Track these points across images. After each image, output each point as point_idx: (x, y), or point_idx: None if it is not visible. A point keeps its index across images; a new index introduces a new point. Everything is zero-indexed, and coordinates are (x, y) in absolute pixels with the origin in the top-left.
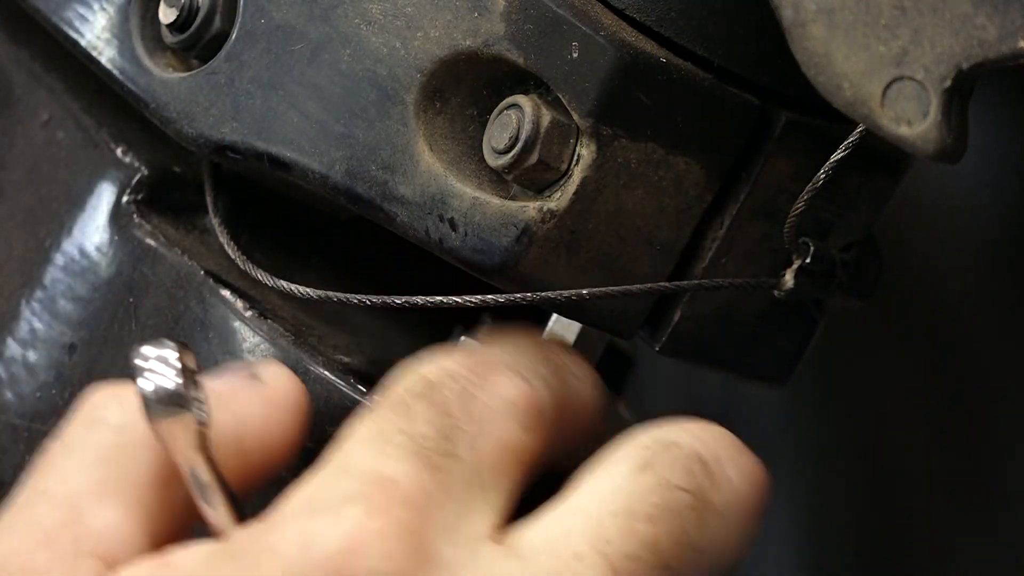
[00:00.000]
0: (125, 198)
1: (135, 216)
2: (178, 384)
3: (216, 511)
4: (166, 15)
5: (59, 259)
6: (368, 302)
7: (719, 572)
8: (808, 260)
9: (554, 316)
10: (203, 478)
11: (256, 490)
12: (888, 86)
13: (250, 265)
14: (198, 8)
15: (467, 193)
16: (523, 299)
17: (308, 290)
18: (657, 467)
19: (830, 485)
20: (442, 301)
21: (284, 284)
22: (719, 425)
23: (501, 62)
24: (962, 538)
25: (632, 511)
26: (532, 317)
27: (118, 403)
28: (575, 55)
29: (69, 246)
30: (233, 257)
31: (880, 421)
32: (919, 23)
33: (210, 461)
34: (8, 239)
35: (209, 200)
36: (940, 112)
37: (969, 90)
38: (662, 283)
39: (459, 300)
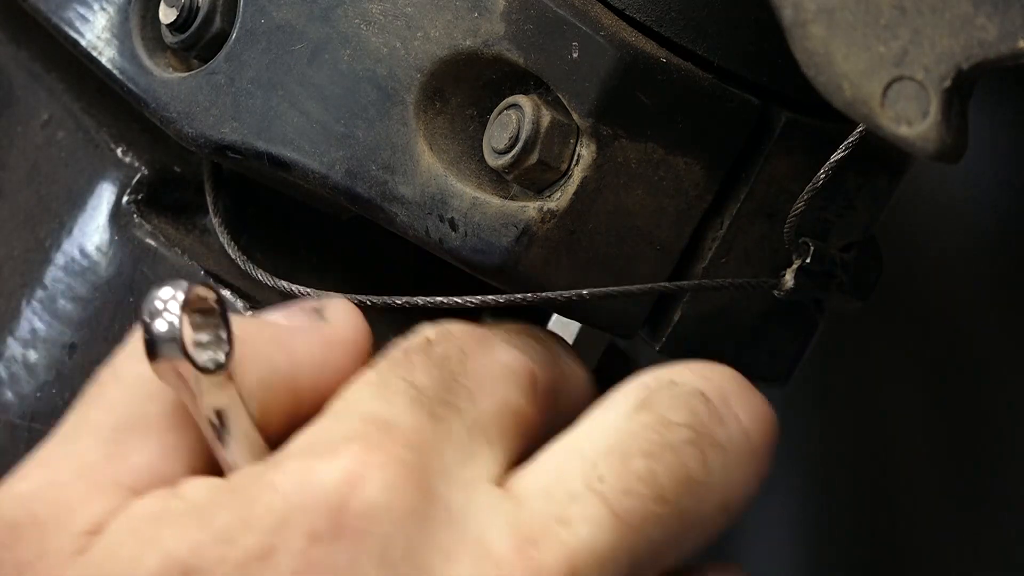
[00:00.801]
0: (125, 198)
1: (135, 216)
2: (175, 326)
3: (227, 452)
4: (166, 15)
5: (59, 259)
6: (368, 302)
7: (729, 510)
8: (808, 260)
9: (553, 316)
10: (209, 420)
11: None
12: (888, 86)
13: (250, 265)
14: (198, 8)
15: (467, 193)
16: (523, 299)
17: (308, 290)
18: (655, 405)
19: (830, 485)
20: (442, 301)
21: (284, 284)
22: (726, 367)
23: (501, 62)
24: (962, 538)
25: (626, 448)
26: (532, 317)
27: None
28: (575, 55)
29: (69, 246)
30: (233, 257)
31: (880, 421)
32: (919, 23)
33: (220, 403)
34: (8, 239)
35: (209, 200)
36: (940, 112)
37: (969, 90)
38: (662, 283)
39: (459, 300)
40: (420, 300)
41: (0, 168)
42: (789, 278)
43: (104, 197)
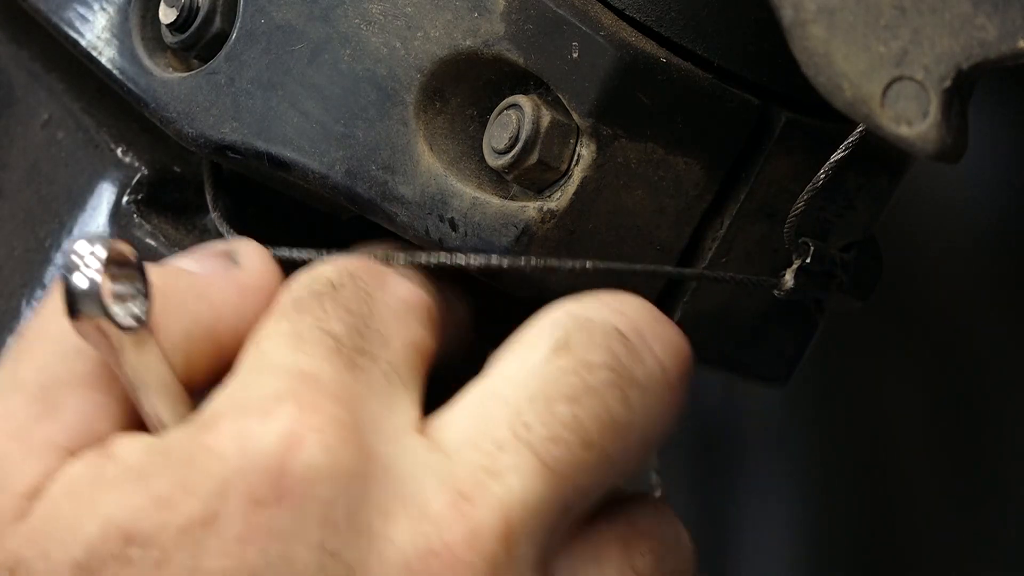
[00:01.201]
0: (125, 198)
1: (135, 216)
2: (95, 282)
3: (152, 408)
4: (166, 15)
5: (59, 259)
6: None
7: (649, 444)
8: (808, 260)
9: None
10: (132, 376)
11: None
12: (888, 86)
13: None
14: (198, 8)
15: (467, 193)
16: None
17: (306, 251)
18: (574, 347)
19: (830, 484)
20: (444, 259)
21: (285, 250)
22: (639, 299)
23: (501, 62)
24: (962, 538)
25: (549, 394)
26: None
27: None
28: (575, 55)
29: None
30: None
31: (880, 421)
32: (919, 23)
33: (143, 359)
34: (8, 239)
35: (209, 200)
36: (940, 112)
37: (969, 90)
38: (666, 267)
39: (464, 260)
40: (421, 256)
41: (0, 168)
42: (789, 278)
43: (104, 197)
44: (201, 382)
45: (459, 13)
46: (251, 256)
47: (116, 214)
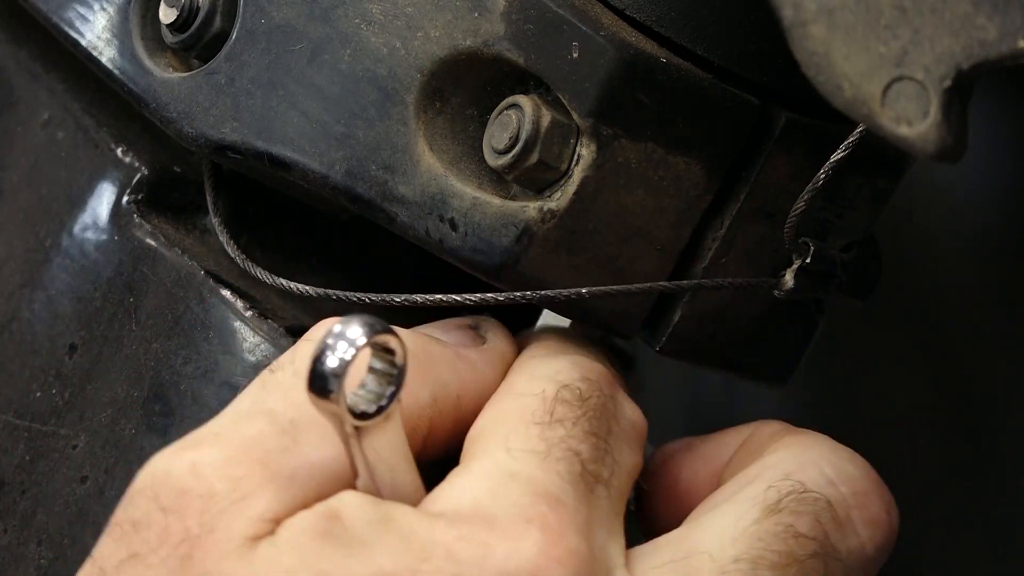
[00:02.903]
0: (125, 198)
1: (135, 216)
2: (338, 371)
3: (378, 480)
4: (166, 15)
5: (59, 259)
6: (367, 300)
7: None
8: (808, 260)
9: (545, 313)
10: (362, 456)
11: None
12: (888, 86)
13: (249, 264)
14: (198, 8)
15: (467, 193)
16: (523, 298)
17: (308, 288)
18: (784, 513)
19: None
20: (442, 300)
21: (283, 282)
22: (850, 451)
23: (501, 62)
24: (962, 538)
25: (755, 558)
26: (524, 316)
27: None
28: (575, 55)
29: (69, 246)
30: (232, 255)
31: (880, 421)
32: (919, 23)
33: (378, 439)
34: (8, 239)
35: (209, 200)
36: (940, 112)
37: (969, 90)
38: (662, 283)
39: (459, 299)
40: (419, 298)
41: (0, 168)
42: (789, 278)
43: (104, 197)
44: (438, 448)
45: (459, 13)
46: (496, 332)
47: (116, 214)
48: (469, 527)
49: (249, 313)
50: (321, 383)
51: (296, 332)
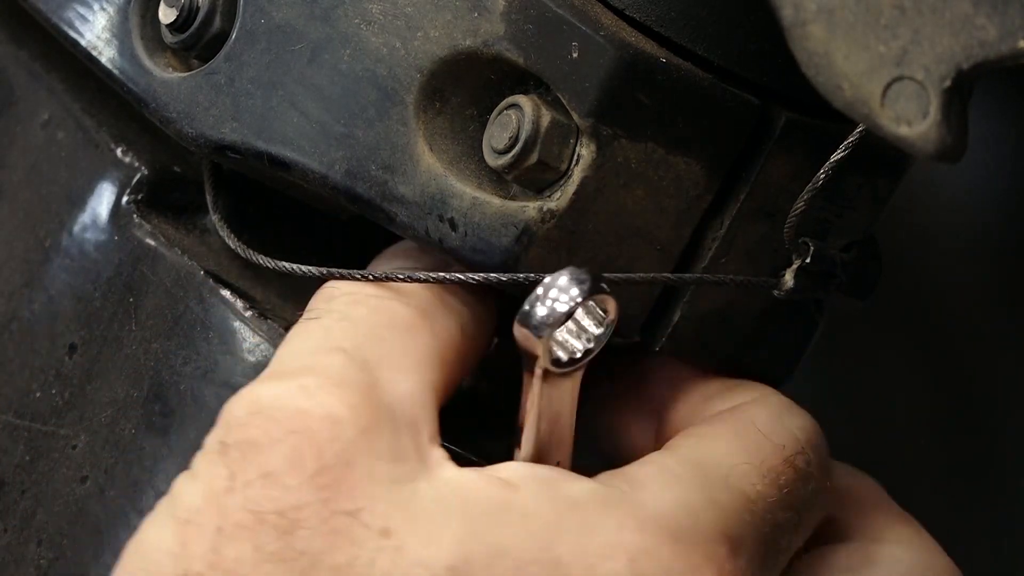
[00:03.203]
0: (125, 198)
1: (135, 216)
2: (549, 321)
3: (539, 438)
4: (166, 15)
5: (59, 259)
6: (371, 277)
7: None
8: (808, 260)
9: None
10: (538, 405)
11: None
12: (888, 86)
13: (250, 252)
14: (198, 8)
15: (467, 193)
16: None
17: (308, 268)
18: None
19: None
20: (445, 277)
21: (285, 264)
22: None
23: (501, 62)
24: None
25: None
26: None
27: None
28: (575, 55)
29: (69, 246)
30: (233, 247)
31: (880, 421)
32: (919, 23)
33: (557, 393)
34: (8, 239)
35: (209, 199)
36: (940, 112)
37: (969, 90)
38: (664, 274)
39: (461, 277)
40: (422, 275)
41: (0, 168)
42: (789, 278)
43: (104, 197)
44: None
45: (459, 13)
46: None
47: (116, 214)
48: (655, 539)
49: (249, 313)
50: (529, 323)
51: None
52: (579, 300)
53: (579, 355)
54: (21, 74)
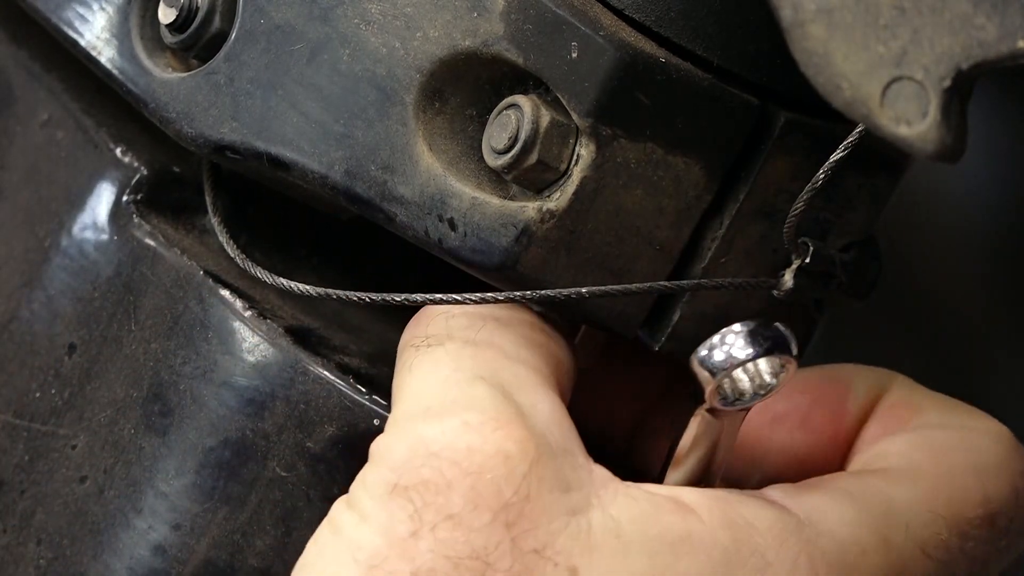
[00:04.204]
0: (124, 198)
1: (134, 216)
2: (723, 366)
3: (714, 469)
4: (165, 15)
5: (58, 259)
6: (367, 300)
7: None
8: (808, 260)
9: None
10: (711, 437)
11: None
12: (887, 86)
13: (249, 263)
14: (197, 8)
15: (466, 193)
16: (522, 298)
17: (307, 287)
18: None
19: None
20: (442, 299)
21: (283, 281)
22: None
23: (500, 62)
24: None
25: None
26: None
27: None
28: (574, 55)
29: (69, 246)
30: (232, 255)
31: None
32: (918, 23)
33: (726, 428)
34: (8, 239)
35: (208, 200)
36: (939, 112)
37: (968, 90)
38: (662, 283)
39: (459, 298)
40: (419, 297)
41: (0, 168)
42: (789, 278)
43: (103, 197)
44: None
45: (458, 13)
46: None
47: (115, 214)
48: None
49: (248, 313)
50: (705, 365)
51: (295, 332)
52: (755, 357)
53: (747, 398)
54: (21, 74)
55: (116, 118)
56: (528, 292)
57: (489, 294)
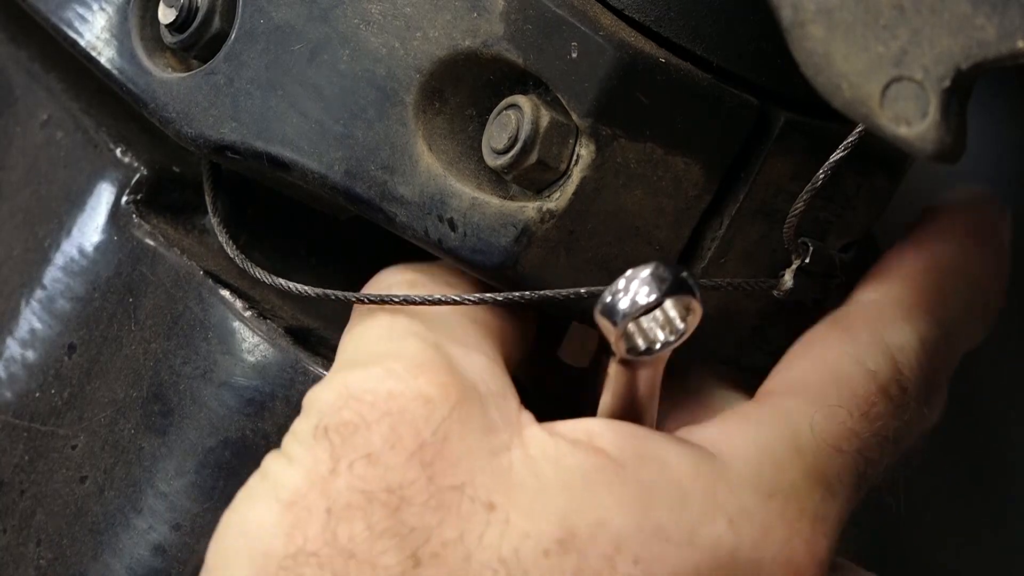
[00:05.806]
0: (124, 198)
1: (134, 216)
2: (628, 312)
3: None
4: (165, 15)
5: (58, 259)
6: (366, 300)
7: None
8: (807, 260)
9: None
10: (610, 388)
11: None
12: (887, 86)
13: (248, 263)
14: (197, 8)
15: (466, 193)
16: (522, 298)
17: (307, 287)
18: None
19: None
20: (441, 299)
21: (282, 282)
22: None
23: (500, 62)
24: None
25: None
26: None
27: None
28: (574, 55)
29: (68, 246)
30: (231, 255)
31: None
32: (918, 23)
33: (641, 376)
34: (8, 239)
35: (208, 200)
36: (939, 112)
37: (968, 90)
38: None
39: (457, 299)
40: (418, 298)
41: (0, 168)
42: (788, 278)
43: (103, 197)
44: None
45: (458, 13)
46: None
47: (115, 214)
48: (750, 498)
49: (248, 313)
50: (611, 315)
51: (295, 332)
52: (664, 294)
53: (658, 346)
54: (20, 74)
55: (116, 118)
56: (528, 292)
57: (488, 294)
